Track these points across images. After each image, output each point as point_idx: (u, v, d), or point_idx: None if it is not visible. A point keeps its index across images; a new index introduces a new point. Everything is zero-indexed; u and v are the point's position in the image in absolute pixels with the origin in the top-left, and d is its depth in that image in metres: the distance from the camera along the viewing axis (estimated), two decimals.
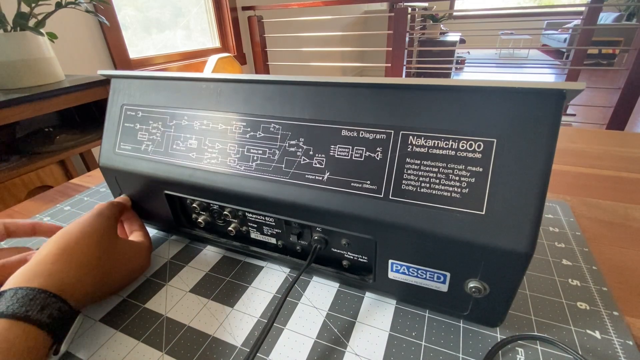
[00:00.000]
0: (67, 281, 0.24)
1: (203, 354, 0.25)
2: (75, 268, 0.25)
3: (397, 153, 0.23)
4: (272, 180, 0.27)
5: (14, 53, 0.90)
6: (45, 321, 0.22)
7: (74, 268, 0.25)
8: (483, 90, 0.21)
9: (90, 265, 0.26)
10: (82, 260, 0.26)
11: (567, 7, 5.19)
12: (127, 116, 0.33)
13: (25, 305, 0.21)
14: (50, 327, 0.22)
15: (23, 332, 0.20)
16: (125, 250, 0.30)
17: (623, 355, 0.24)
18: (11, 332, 0.20)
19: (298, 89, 0.26)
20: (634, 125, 2.61)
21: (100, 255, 0.27)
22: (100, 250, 0.28)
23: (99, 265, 0.27)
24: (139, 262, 0.32)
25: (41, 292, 0.22)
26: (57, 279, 0.24)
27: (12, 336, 0.20)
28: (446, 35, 4.19)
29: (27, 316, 0.21)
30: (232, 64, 1.99)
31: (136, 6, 1.73)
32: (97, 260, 0.27)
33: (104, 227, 0.29)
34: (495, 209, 0.21)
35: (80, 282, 0.25)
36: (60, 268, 0.25)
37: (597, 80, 3.95)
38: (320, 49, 2.51)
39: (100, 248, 0.28)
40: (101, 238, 0.28)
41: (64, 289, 0.24)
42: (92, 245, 0.27)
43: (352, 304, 0.29)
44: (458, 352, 0.24)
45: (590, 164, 0.53)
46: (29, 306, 0.21)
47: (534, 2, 7.88)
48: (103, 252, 0.28)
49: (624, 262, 0.32)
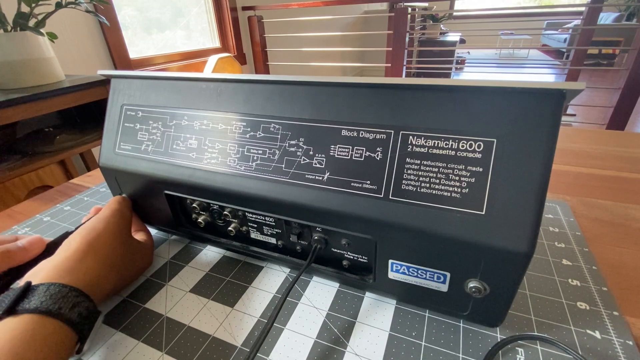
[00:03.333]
0: (95, 279, 0.25)
1: (203, 354, 0.25)
2: (101, 265, 0.26)
3: (397, 153, 0.23)
4: (272, 180, 0.27)
5: (14, 53, 0.90)
6: (75, 319, 0.22)
7: (101, 265, 0.26)
8: (483, 90, 0.21)
9: (114, 263, 0.27)
10: (107, 258, 0.27)
11: (567, 7, 5.19)
12: (127, 116, 0.33)
13: (58, 303, 0.21)
14: (79, 325, 0.22)
15: (55, 329, 0.21)
16: (137, 248, 0.31)
17: (623, 355, 0.24)
18: (44, 329, 0.20)
19: (298, 89, 0.26)
20: (634, 125, 2.61)
21: (122, 253, 0.28)
22: (123, 247, 0.28)
23: (120, 263, 0.28)
24: (147, 260, 0.33)
25: (73, 290, 0.23)
26: (87, 277, 0.24)
27: (44, 332, 0.20)
28: (446, 35, 4.19)
29: (60, 314, 0.21)
30: (232, 64, 1.99)
31: (136, 6, 1.73)
32: (121, 258, 0.28)
33: (124, 225, 0.30)
34: (495, 209, 0.21)
35: (105, 279, 0.26)
36: (89, 265, 0.25)
37: (597, 80, 3.95)
38: (320, 49, 2.51)
39: (123, 245, 0.29)
40: (122, 236, 0.29)
41: (91, 288, 0.24)
42: (116, 242, 0.28)
43: (352, 304, 0.29)
44: (458, 352, 0.24)
45: (590, 164, 0.53)
46: (62, 303, 0.21)
47: (534, 2, 7.88)
48: (124, 250, 0.29)
49: (624, 262, 0.32)
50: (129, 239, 0.30)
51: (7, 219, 0.45)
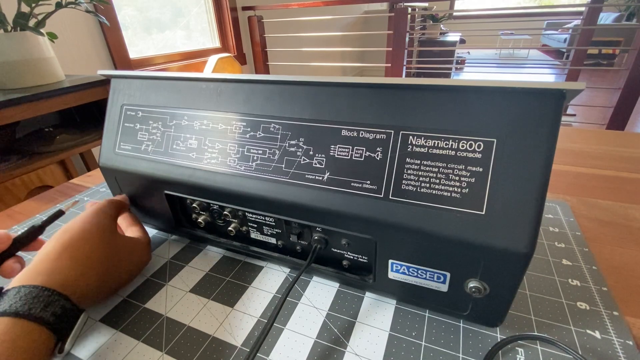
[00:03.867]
0: (70, 278, 0.25)
1: (203, 354, 0.25)
2: (78, 264, 0.25)
3: (397, 153, 0.23)
4: (272, 180, 0.27)
5: (14, 53, 0.90)
6: (48, 319, 0.22)
7: (77, 264, 0.25)
8: (483, 90, 0.21)
9: (93, 261, 0.27)
10: (84, 257, 0.26)
11: (567, 7, 5.19)
12: (127, 116, 0.33)
13: (28, 303, 0.21)
14: (54, 325, 0.22)
15: (26, 330, 0.20)
16: (125, 245, 0.30)
17: (623, 355, 0.24)
18: (14, 331, 0.20)
19: (298, 89, 0.26)
20: (634, 125, 2.61)
21: (102, 251, 0.28)
22: (102, 245, 0.28)
23: (101, 261, 0.27)
24: (140, 256, 0.32)
25: (44, 290, 0.22)
26: (60, 276, 0.24)
27: (15, 334, 0.20)
28: (446, 35, 4.19)
29: (30, 314, 0.21)
30: (232, 64, 1.99)
31: (136, 6, 1.73)
32: (99, 256, 0.27)
33: (104, 224, 0.29)
34: (495, 209, 0.21)
35: (84, 277, 0.25)
36: (63, 265, 0.25)
37: (597, 80, 3.95)
38: (320, 49, 2.51)
39: (102, 244, 0.28)
40: (102, 234, 0.28)
41: (67, 286, 0.24)
42: (93, 241, 0.27)
43: (352, 304, 0.29)
44: (458, 352, 0.24)
45: (590, 164, 0.53)
46: (32, 304, 0.21)
47: (534, 2, 7.88)
48: (104, 248, 0.28)
49: (624, 262, 0.32)
50: (112, 237, 0.29)
51: (7, 219, 0.45)
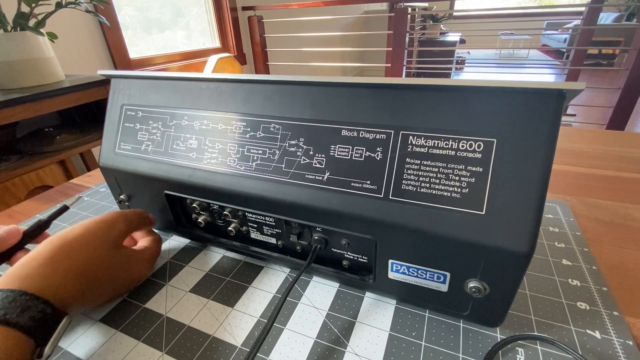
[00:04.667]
0: (51, 284, 0.24)
1: (203, 354, 0.25)
2: (61, 273, 0.25)
3: (397, 153, 0.23)
4: (272, 180, 0.27)
5: (14, 53, 0.90)
6: (25, 324, 0.21)
7: (60, 273, 0.24)
8: (483, 90, 0.21)
9: (77, 272, 0.25)
10: (69, 266, 0.25)
11: (567, 7, 5.19)
12: (127, 116, 0.33)
13: (5, 308, 0.21)
14: (32, 329, 0.21)
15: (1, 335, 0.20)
16: (126, 261, 0.29)
17: (623, 355, 0.24)
18: None
19: (298, 89, 0.26)
20: (634, 125, 2.61)
21: (93, 263, 0.26)
22: (94, 258, 0.27)
23: (88, 273, 0.26)
24: (139, 272, 0.31)
25: (21, 294, 0.22)
26: (40, 281, 0.23)
27: None
28: (446, 35, 4.19)
29: (5, 319, 0.20)
30: (232, 64, 1.99)
31: (136, 6, 1.73)
32: (91, 266, 0.26)
33: (104, 235, 0.28)
34: (495, 209, 0.21)
35: (65, 287, 0.24)
36: (44, 271, 0.24)
37: (597, 80, 3.95)
38: (320, 49, 2.51)
39: (95, 256, 0.27)
40: (99, 246, 0.27)
41: (46, 291, 0.23)
42: (85, 252, 0.26)
43: (352, 304, 0.29)
44: (458, 352, 0.24)
45: (590, 164, 0.53)
46: (7, 309, 0.21)
47: (534, 2, 7.88)
48: (97, 260, 0.27)
49: (624, 262, 0.32)
50: (111, 252, 0.28)
51: (7, 219, 0.45)
